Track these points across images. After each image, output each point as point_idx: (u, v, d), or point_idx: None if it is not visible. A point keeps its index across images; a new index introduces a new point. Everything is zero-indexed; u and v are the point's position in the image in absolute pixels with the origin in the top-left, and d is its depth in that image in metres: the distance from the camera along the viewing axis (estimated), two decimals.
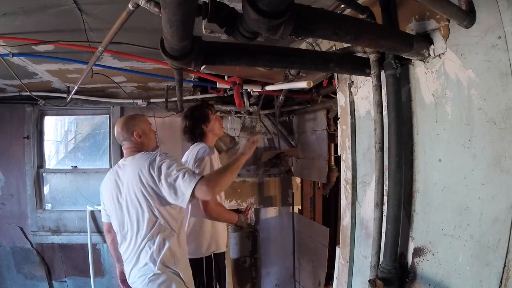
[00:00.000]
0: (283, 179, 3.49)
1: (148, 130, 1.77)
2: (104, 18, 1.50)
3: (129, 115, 1.82)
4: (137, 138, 1.70)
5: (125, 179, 1.62)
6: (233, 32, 0.87)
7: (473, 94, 1.04)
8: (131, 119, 1.76)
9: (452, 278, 1.10)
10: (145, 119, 1.81)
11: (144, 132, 1.74)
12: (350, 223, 1.69)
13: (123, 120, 1.76)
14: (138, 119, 1.77)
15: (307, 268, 3.21)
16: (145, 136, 1.74)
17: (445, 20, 1.10)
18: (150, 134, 1.78)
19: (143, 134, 1.73)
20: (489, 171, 0.99)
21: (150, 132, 1.78)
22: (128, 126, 1.71)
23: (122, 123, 1.73)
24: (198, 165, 1.97)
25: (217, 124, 2.15)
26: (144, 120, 1.80)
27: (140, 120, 1.77)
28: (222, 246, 2.16)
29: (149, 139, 1.77)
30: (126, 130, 1.70)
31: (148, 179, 1.53)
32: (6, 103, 3.15)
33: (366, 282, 1.29)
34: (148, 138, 1.76)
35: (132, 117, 1.79)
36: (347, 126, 1.71)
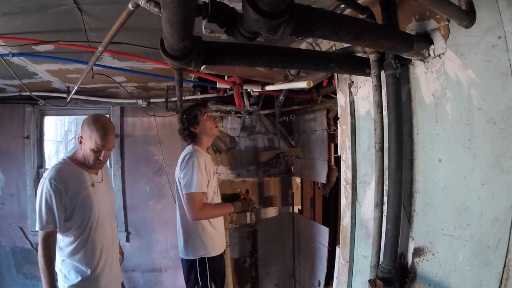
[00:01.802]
0: (283, 179, 3.49)
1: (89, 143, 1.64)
2: (104, 18, 1.50)
3: (92, 117, 1.69)
4: (78, 142, 1.70)
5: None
6: (233, 32, 0.87)
7: (473, 94, 1.04)
8: (86, 123, 1.66)
9: (452, 278, 1.10)
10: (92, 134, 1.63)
11: (85, 143, 1.66)
12: (350, 223, 1.69)
13: (86, 118, 1.69)
14: (88, 128, 1.65)
15: (307, 268, 3.21)
16: (83, 146, 1.67)
17: (445, 20, 1.10)
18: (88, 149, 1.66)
19: (83, 143, 1.66)
20: (489, 171, 0.99)
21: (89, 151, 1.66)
22: (82, 127, 1.68)
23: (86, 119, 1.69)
24: (185, 174, 2.03)
25: (207, 125, 2.16)
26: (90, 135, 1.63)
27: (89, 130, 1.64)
28: (215, 250, 2.17)
29: (85, 151, 1.67)
30: (81, 127, 1.69)
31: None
32: (6, 103, 3.15)
33: (366, 282, 1.30)
34: (84, 148, 1.67)
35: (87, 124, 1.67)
36: (347, 126, 1.71)
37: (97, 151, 1.64)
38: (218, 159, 3.30)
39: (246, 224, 3.53)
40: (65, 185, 1.57)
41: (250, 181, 3.38)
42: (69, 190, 1.58)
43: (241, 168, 3.39)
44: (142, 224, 3.36)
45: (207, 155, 2.20)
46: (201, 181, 1.99)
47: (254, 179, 3.40)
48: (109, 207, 1.83)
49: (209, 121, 2.17)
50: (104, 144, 1.64)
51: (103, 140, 1.63)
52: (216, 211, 2.14)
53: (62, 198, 1.55)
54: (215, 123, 2.20)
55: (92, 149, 1.63)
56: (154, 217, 3.34)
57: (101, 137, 1.62)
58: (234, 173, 3.36)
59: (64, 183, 1.57)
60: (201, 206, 1.99)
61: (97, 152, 1.65)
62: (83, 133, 1.64)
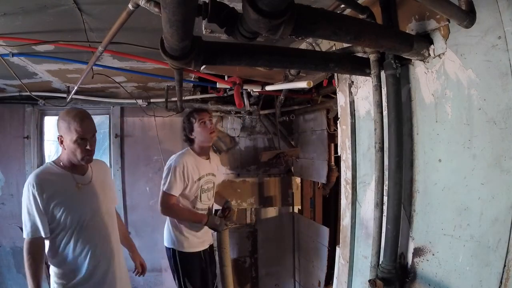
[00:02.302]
0: (283, 179, 3.49)
1: (71, 140, 1.54)
2: (104, 18, 1.50)
3: (65, 114, 1.58)
4: (59, 144, 1.59)
5: None
6: (233, 32, 0.87)
7: (473, 94, 1.04)
8: (62, 118, 1.57)
9: (452, 278, 1.10)
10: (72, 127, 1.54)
11: (66, 141, 1.57)
12: (350, 223, 1.69)
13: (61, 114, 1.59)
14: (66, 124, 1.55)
15: (307, 268, 3.21)
16: (66, 146, 1.57)
17: (445, 20, 1.10)
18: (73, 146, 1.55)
19: (65, 142, 1.57)
20: (489, 171, 0.99)
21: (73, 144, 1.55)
22: (57, 124, 1.57)
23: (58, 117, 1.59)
24: (164, 173, 2.22)
25: (199, 131, 2.25)
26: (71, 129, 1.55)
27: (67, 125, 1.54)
28: (186, 247, 2.24)
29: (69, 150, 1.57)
30: (57, 127, 1.59)
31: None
32: (6, 103, 3.15)
33: (366, 282, 1.30)
34: (68, 149, 1.57)
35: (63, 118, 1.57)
36: (347, 126, 1.71)
37: (82, 140, 1.54)
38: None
39: (246, 224, 3.54)
40: (41, 189, 1.49)
41: (250, 181, 3.38)
42: (44, 193, 1.49)
43: (241, 168, 3.39)
44: (142, 224, 3.36)
45: (199, 160, 2.26)
46: (172, 184, 2.16)
47: (254, 179, 3.40)
48: (103, 208, 1.70)
49: (202, 128, 2.23)
50: (85, 129, 1.54)
51: (82, 126, 1.53)
52: (183, 215, 2.22)
53: (39, 203, 1.49)
54: (210, 129, 2.24)
55: (75, 140, 1.52)
56: (154, 217, 3.34)
57: (79, 123, 1.53)
58: (234, 173, 3.36)
59: (40, 187, 1.49)
60: (166, 205, 2.17)
61: (81, 143, 1.54)
62: (60, 130, 1.55)
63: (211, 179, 2.37)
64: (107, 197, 1.76)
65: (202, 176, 2.27)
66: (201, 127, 2.23)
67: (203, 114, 2.27)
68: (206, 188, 2.31)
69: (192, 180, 2.20)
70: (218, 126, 3.32)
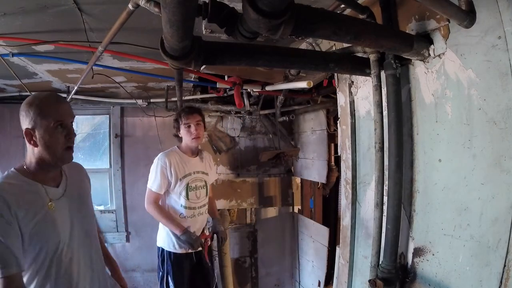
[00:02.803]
0: (283, 179, 3.49)
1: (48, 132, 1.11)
2: (104, 18, 1.50)
3: (30, 98, 1.15)
4: (27, 142, 1.13)
5: None
6: (233, 32, 0.87)
7: (473, 94, 1.04)
8: (27, 105, 1.12)
9: (452, 278, 1.10)
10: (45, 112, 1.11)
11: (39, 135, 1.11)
12: (350, 223, 1.69)
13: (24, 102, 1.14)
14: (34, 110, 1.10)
15: (307, 268, 3.21)
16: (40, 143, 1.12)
17: (445, 20, 1.10)
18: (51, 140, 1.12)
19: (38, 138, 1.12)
20: (489, 171, 0.99)
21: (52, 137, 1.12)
22: (21, 115, 1.13)
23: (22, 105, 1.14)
24: (150, 173, 2.21)
25: (183, 133, 2.23)
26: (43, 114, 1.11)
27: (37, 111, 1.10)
28: (171, 247, 2.21)
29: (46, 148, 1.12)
30: (20, 120, 1.13)
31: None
32: (6, 103, 3.15)
33: (366, 282, 1.29)
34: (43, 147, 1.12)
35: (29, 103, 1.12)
36: (347, 126, 1.71)
37: (62, 127, 1.13)
38: (218, 159, 3.30)
39: (246, 224, 3.54)
40: (13, 210, 1.04)
41: (250, 181, 3.38)
42: (18, 214, 1.04)
43: (241, 168, 3.39)
44: (142, 224, 3.36)
45: (186, 158, 2.25)
46: (155, 181, 2.17)
47: (254, 179, 3.40)
48: (83, 230, 1.25)
49: (186, 132, 2.21)
50: (64, 111, 1.15)
51: (60, 108, 1.15)
52: (161, 217, 2.18)
53: (14, 227, 1.03)
54: (193, 135, 2.20)
55: (52, 127, 1.12)
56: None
57: (55, 105, 1.14)
58: (234, 173, 3.35)
59: (8, 207, 1.03)
60: (148, 201, 2.18)
61: (62, 130, 1.14)
62: (27, 122, 1.11)
63: (200, 177, 2.31)
64: (86, 214, 1.32)
65: (188, 173, 2.23)
66: (186, 130, 2.21)
67: (190, 118, 2.19)
68: (194, 186, 2.25)
69: (176, 177, 2.17)
70: (218, 126, 3.32)
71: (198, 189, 2.28)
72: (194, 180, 2.26)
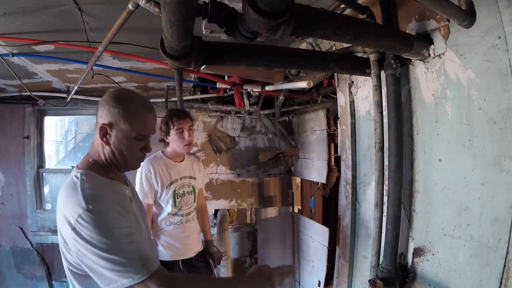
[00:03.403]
0: (283, 179, 3.49)
1: (129, 136, 1.01)
2: (104, 18, 1.50)
3: (125, 93, 1.05)
4: (98, 134, 1.01)
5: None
6: (233, 32, 0.87)
7: (473, 94, 1.04)
8: (120, 99, 1.00)
9: (452, 278, 1.10)
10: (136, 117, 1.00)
11: (117, 135, 1.00)
12: (350, 223, 1.69)
13: (116, 93, 1.02)
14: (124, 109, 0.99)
15: (307, 268, 3.21)
16: (114, 143, 1.01)
17: (445, 20, 1.10)
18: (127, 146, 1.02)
19: (113, 137, 1.00)
20: (489, 171, 0.99)
21: (129, 143, 1.02)
22: (106, 107, 1.00)
23: (111, 95, 1.01)
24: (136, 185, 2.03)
25: (174, 139, 2.06)
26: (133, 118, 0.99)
27: (127, 111, 0.99)
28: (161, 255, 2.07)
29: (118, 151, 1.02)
30: (101, 110, 1.01)
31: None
32: (6, 103, 3.15)
33: (366, 282, 1.30)
34: (116, 149, 1.02)
35: (123, 99, 1.01)
36: (347, 126, 1.71)
37: (141, 140, 1.04)
38: (218, 159, 3.30)
39: (246, 224, 3.54)
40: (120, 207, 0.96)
41: (250, 181, 3.38)
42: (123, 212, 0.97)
43: (241, 168, 3.38)
44: None
45: (171, 163, 2.11)
46: (142, 192, 2.01)
47: (254, 179, 3.40)
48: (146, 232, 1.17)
49: (178, 137, 2.05)
50: (150, 126, 1.06)
51: (148, 121, 1.05)
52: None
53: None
54: (186, 141, 2.06)
55: (132, 137, 1.01)
56: None
57: (144, 115, 1.03)
58: (234, 173, 3.35)
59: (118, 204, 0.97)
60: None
61: (140, 143, 1.04)
62: (110, 118, 0.99)
63: (188, 182, 2.16)
64: (143, 214, 1.23)
65: (174, 180, 2.09)
66: (177, 136, 2.04)
67: (183, 122, 2.04)
68: (181, 193, 2.11)
69: (162, 185, 2.04)
70: (218, 126, 3.32)
71: (185, 195, 2.14)
72: (181, 186, 2.13)
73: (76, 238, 0.88)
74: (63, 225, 0.91)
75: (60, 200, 0.95)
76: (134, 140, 1.03)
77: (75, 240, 0.88)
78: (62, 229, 0.93)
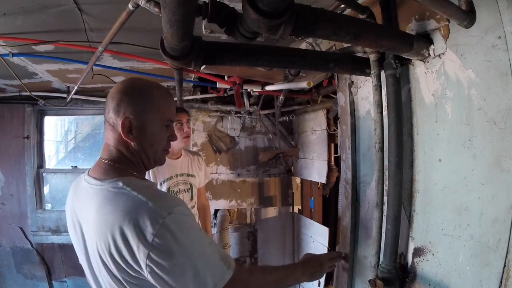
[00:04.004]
0: (283, 179, 3.49)
1: (156, 128, 0.91)
2: (104, 18, 1.50)
3: (145, 82, 0.93)
4: (121, 131, 0.87)
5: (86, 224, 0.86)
6: (233, 32, 0.87)
7: (473, 94, 1.04)
8: (140, 90, 0.90)
9: (452, 278, 1.10)
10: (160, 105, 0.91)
11: (142, 128, 0.89)
12: (350, 223, 1.69)
13: (131, 83, 0.91)
14: (147, 99, 0.89)
15: None
16: (141, 138, 0.89)
17: (445, 20, 1.10)
18: (155, 138, 0.92)
19: (139, 131, 0.88)
20: (489, 171, 0.99)
21: (158, 135, 0.92)
22: (124, 99, 0.87)
23: (124, 86, 0.90)
24: None
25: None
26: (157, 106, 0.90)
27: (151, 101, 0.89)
28: None
29: (147, 146, 0.91)
30: (117, 104, 0.87)
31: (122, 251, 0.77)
32: (6, 103, 3.15)
33: (366, 282, 1.30)
34: (144, 144, 0.91)
35: (144, 88, 0.91)
36: (347, 126, 1.71)
37: (168, 127, 0.96)
38: (218, 159, 3.30)
39: (246, 224, 3.54)
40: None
41: (250, 181, 3.38)
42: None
43: (241, 168, 3.39)
44: None
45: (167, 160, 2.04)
46: None
47: (254, 179, 3.40)
48: None
49: (177, 130, 2.03)
50: (174, 111, 0.99)
51: (172, 106, 0.97)
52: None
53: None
54: (185, 133, 2.05)
55: (162, 124, 0.93)
56: None
57: (168, 100, 0.95)
58: (234, 173, 3.36)
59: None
60: None
61: (167, 130, 0.96)
62: (132, 109, 0.87)
63: (184, 180, 2.13)
64: None
65: (169, 177, 2.07)
66: (176, 128, 2.03)
67: (180, 115, 2.05)
68: (177, 190, 2.09)
69: (157, 183, 2.03)
70: (218, 126, 3.32)
71: (181, 193, 2.12)
72: (176, 184, 2.10)
73: (155, 254, 0.75)
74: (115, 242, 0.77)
75: (105, 218, 0.79)
76: (164, 129, 0.94)
77: (153, 257, 0.75)
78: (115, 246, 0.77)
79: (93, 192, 0.86)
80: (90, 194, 0.86)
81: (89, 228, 0.84)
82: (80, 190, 0.91)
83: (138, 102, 0.88)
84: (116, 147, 0.90)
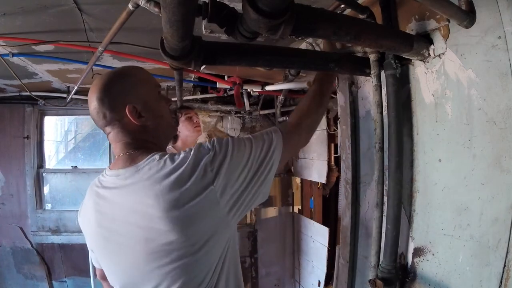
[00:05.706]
0: (283, 179, 3.49)
1: (155, 98, 0.91)
2: (104, 18, 1.50)
3: (114, 71, 0.91)
4: (133, 120, 0.85)
5: (120, 215, 0.82)
6: (233, 32, 0.87)
7: (473, 94, 1.04)
8: (118, 78, 0.88)
9: (452, 278, 1.10)
10: (145, 77, 0.92)
11: (147, 105, 0.87)
12: (350, 223, 1.69)
13: (103, 80, 0.87)
14: (132, 79, 0.89)
15: (307, 268, 3.21)
16: (151, 114, 0.88)
17: (445, 20, 1.10)
18: (160, 108, 0.92)
19: (146, 110, 0.87)
20: (489, 171, 0.99)
21: (160, 104, 0.92)
22: (112, 94, 0.85)
23: (100, 87, 0.86)
24: None
25: (185, 125, 2.13)
26: (144, 80, 0.91)
27: (135, 79, 0.89)
28: None
29: (160, 119, 0.91)
30: (109, 103, 0.85)
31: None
32: (6, 103, 3.15)
33: (366, 282, 1.30)
34: (157, 118, 0.90)
35: (120, 74, 0.89)
36: (347, 126, 1.71)
37: (160, 94, 0.96)
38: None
39: (246, 224, 3.54)
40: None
41: None
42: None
43: None
44: None
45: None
46: None
47: None
48: None
49: (188, 122, 2.14)
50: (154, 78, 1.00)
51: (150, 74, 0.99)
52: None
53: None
54: (196, 123, 2.15)
55: (157, 93, 0.94)
56: None
57: (146, 71, 0.96)
58: None
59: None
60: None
61: (162, 95, 0.96)
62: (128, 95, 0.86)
63: None
64: None
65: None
66: (187, 121, 2.13)
67: (189, 111, 2.21)
68: None
69: None
70: (218, 126, 3.32)
71: None
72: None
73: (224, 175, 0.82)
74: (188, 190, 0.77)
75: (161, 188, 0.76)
76: (160, 96, 0.94)
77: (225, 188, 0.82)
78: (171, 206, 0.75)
79: (130, 177, 0.80)
80: (126, 183, 0.81)
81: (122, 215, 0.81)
82: (104, 194, 0.86)
83: (126, 86, 0.88)
84: (133, 138, 0.88)
